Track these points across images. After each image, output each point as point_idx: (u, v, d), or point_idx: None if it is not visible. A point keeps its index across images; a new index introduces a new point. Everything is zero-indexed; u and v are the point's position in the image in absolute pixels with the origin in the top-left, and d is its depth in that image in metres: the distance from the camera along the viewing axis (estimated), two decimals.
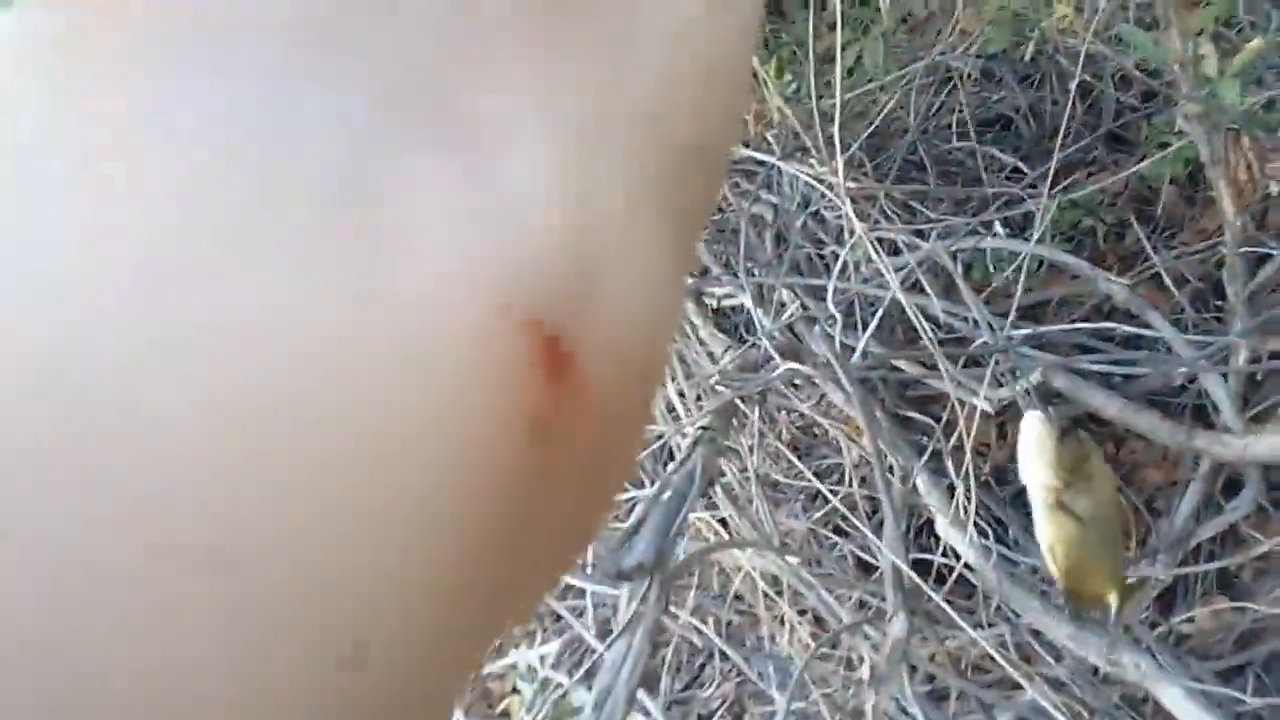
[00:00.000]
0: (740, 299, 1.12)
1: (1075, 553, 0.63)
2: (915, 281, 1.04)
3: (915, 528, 1.14)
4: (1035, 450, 0.62)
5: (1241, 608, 0.96)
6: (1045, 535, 0.65)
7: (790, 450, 1.24)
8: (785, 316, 1.05)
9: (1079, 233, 1.29)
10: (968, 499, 0.91)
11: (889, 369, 1.05)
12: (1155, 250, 1.11)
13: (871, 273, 1.03)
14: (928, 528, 1.10)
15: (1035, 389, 0.99)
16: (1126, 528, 0.69)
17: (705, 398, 1.04)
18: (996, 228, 1.08)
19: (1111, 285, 1.04)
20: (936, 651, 1.01)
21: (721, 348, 1.13)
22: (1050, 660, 0.97)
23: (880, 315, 1.00)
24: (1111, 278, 1.04)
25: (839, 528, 1.19)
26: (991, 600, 0.94)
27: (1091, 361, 0.95)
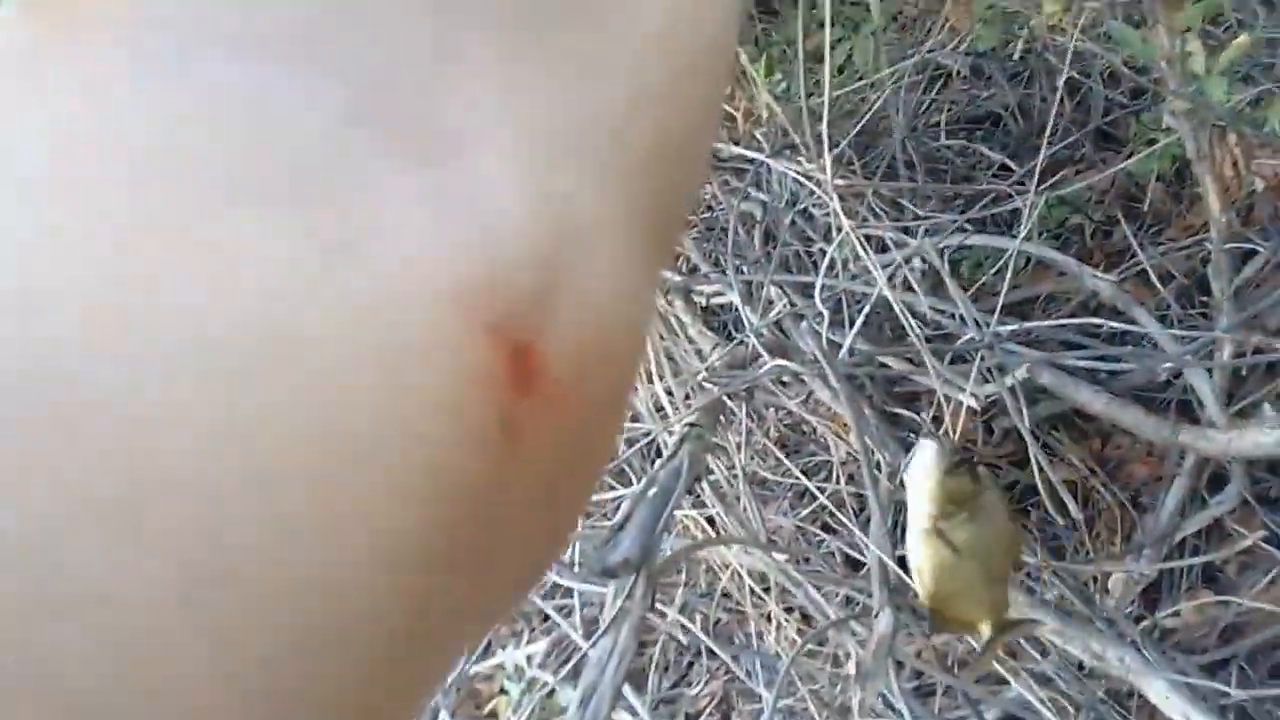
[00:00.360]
0: (729, 296, 1.12)
1: (945, 580, 0.65)
2: (903, 279, 1.04)
3: (903, 524, 1.14)
4: (921, 475, 0.64)
5: (1225, 601, 0.97)
6: (914, 556, 0.67)
7: (779, 448, 1.24)
8: (773, 314, 1.05)
9: (1067, 230, 1.29)
10: None
11: (876, 366, 1.05)
12: (1142, 247, 1.11)
13: (859, 270, 1.03)
14: None
15: (1019, 384, 0.99)
16: (1018, 563, 0.71)
17: (693, 395, 1.04)
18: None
19: (1098, 281, 1.05)
20: (923, 648, 1.02)
21: (710, 345, 1.13)
22: (1036, 655, 0.98)
23: (867, 312, 1.00)
24: (1097, 274, 1.04)
25: (827, 525, 1.19)
26: None
27: (1077, 357, 0.96)
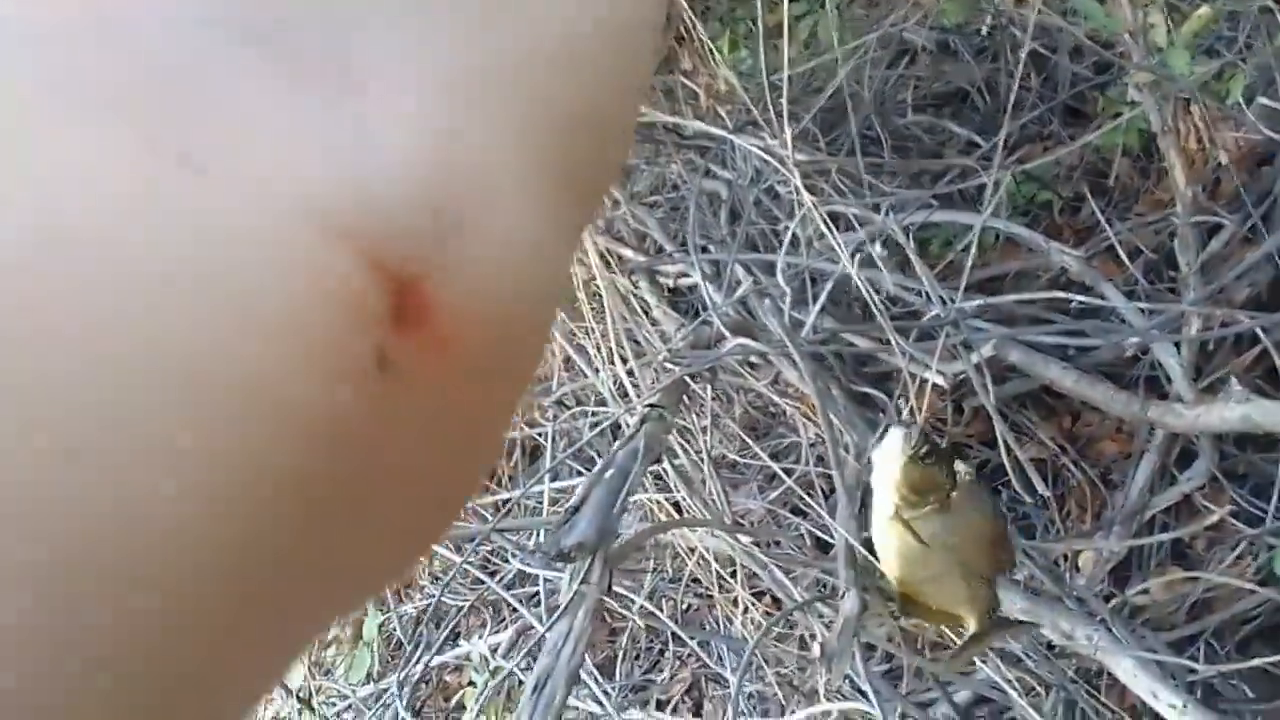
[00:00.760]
0: (693, 276, 1.10)
1: (911, 567, 0.65)
2: (867, 256, 1.03)
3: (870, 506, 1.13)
4: (886, 461, 0.64)
5: (1194, 578, 0.96)
6: (878, 540, 0.67)
7: (748, 431, 1.23)
8: (737, 293, 1.03)
9: (1035, 207, 1.28)
10: None
11: (841, 344, 1.04)
12: (1110, 222, 1.10)
13: (825, 248, 1.01)
14: None
15: (987, 361, 0.98)
16: (1004, 563, 0.70)
17: (657, 377, 1.02)
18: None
19: (1065, 257, 1.04)
20: (893, 631, 1.00)
21: (674, 326, 1.11)
22: (1005, 636, 0.97)
23: (832, 291, 0.98)
24: (1065, 249, 1.03)
25: (797, 508, 1.18)
26: None
27: (1043, 333, 0.95)
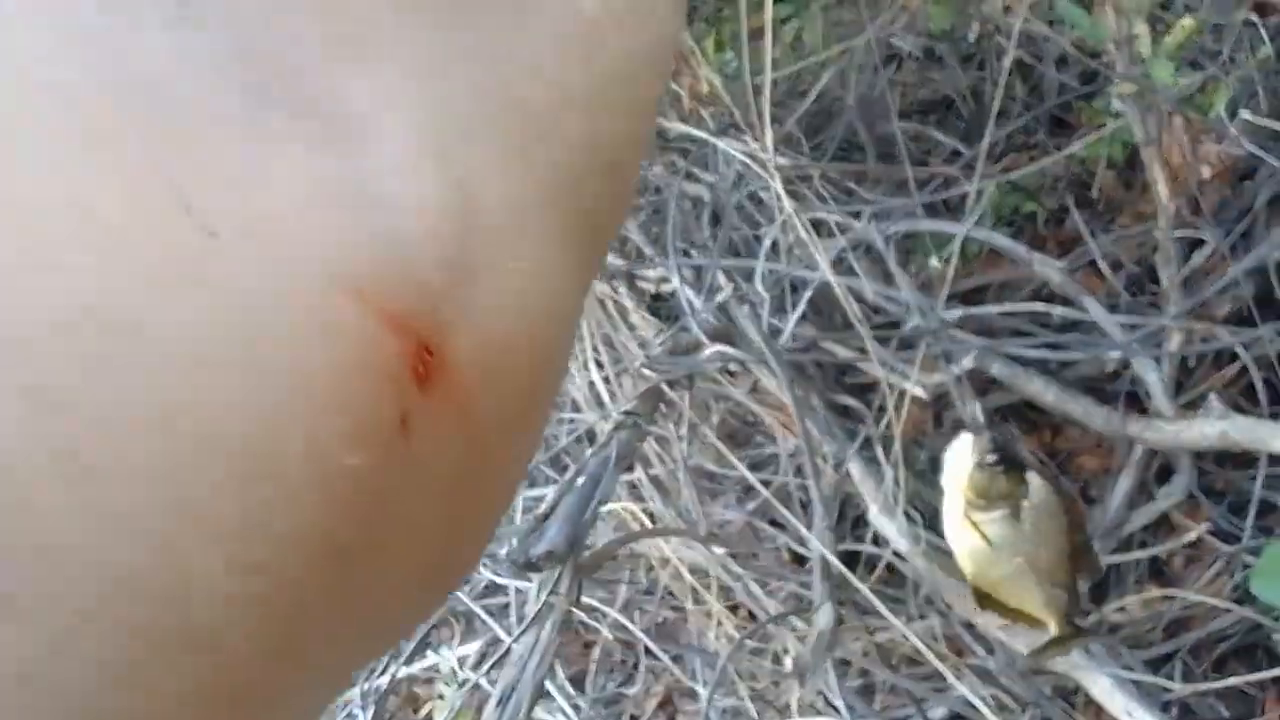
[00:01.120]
0: (672, 281, 1.08)
1: (983, 567, 0.67)
2: (848, 264, 1.01)
3: (853, 519, 1.12)
4: (955, 465, 0.66)
5: (1170, 595, 0.95)
6: (951, 540, 0.69)
7: (727, 441, 1.21)
8: (716, 299, 1.01)
9: (1020, 218, 1.28)
10: (897, 485, 0.88)
11: (820, 352, 1.02)
12: (1094, 235, 1.09)
13: (807, 255, 1.00)
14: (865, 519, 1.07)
15: (969, 375, 0.97)
16: (1084, 571, 0.69)
17: (635, 383, 1.00)
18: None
19: (1047, 268, 1.03)
20: (867, 646, 0.99)
21: (653, 332, 1.09)
22: (982, 651, 0.95)
23: (813, 299, 0.97)
24: (1047, 260, 1.02)
25: (775, 520, 1.16)
26: (921, 590, 0.92)
27: (1024, 345, 0.93)
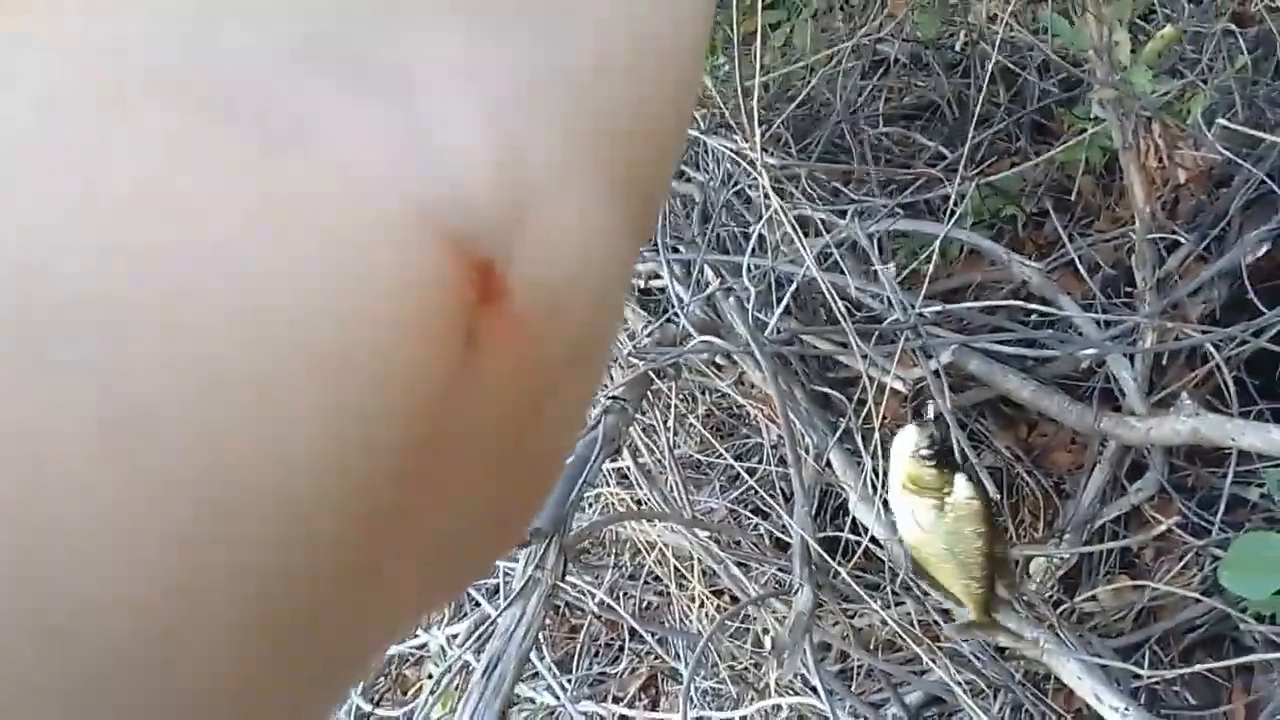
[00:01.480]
0: (662, 275, 1.11)
1: (914, 543, 0.71)
2: (833, 261, 1.04)
3: (833, 508, 1.14)
4: (898, 450, 0.71)
5: (1141, 586, 0.98)
6: (894, 506, 0.73)
7: (712, 432, 1.24)
8: (704, 293, 1.04)
9: (1000, 221, 1.31)
10: (876, 475, 0.91)
11: (802, 345, 1.05)
12: (1071, 238, 1.13)
13: (793, 252, 1.03)
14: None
15: (948, 371, 0.99)
16: (997, 569, 0.72)
17: (624, 373, 1.03)
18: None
19: (1025, 269, 1.06)
20: (847, 631, 1.02)
21: (642, 324, 1.12)
22: (955, 638, 0.98)
23: (797, 294, 1.00)
24: (1025, 261, 1.05)
25: (759, 508, 1.19)
26: (899, 577, 0.95)
27: (999, 342, 0.96)
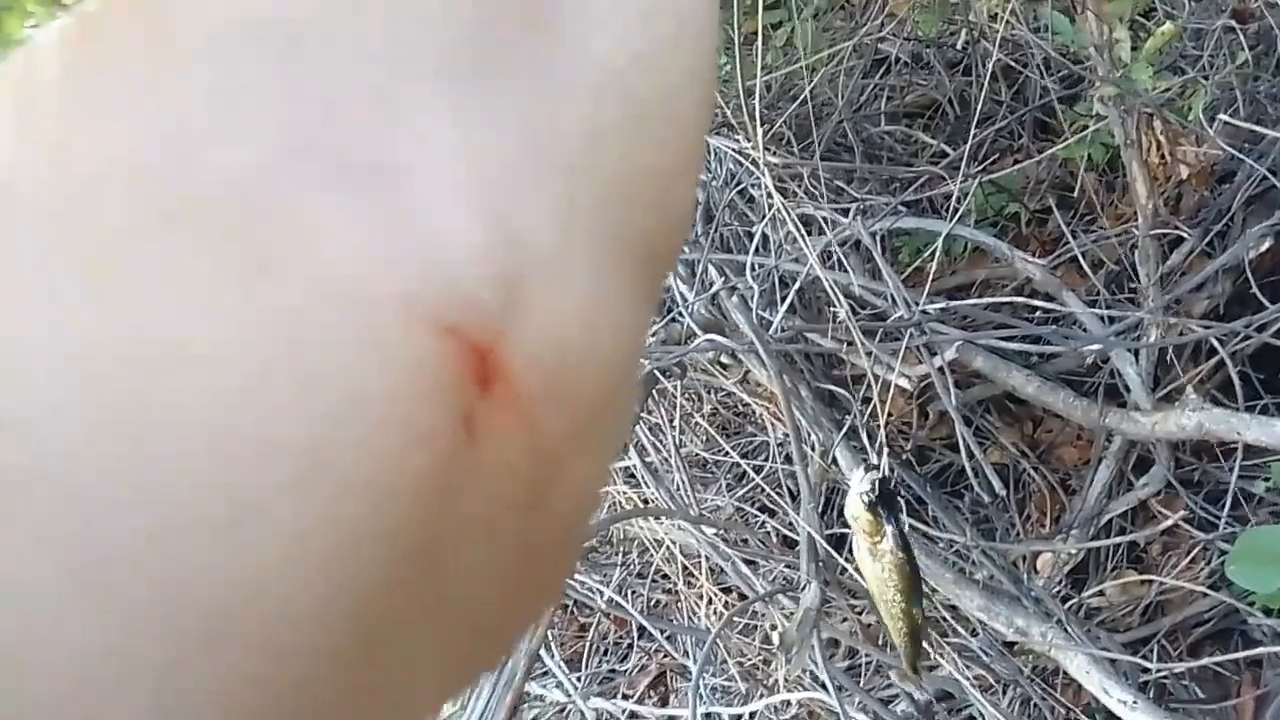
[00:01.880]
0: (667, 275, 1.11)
1: (865, 574, 0.72)
2: (836, 259, 1.05)
3: (840, 504, 1.15)
4: (851, 487, 0.72)
5: (1148, 581, 0.98)
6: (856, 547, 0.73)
7: (719, 431, 1.24)
8: (709, 291, 1.05)
9: (1004, 218, 1.31)
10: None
11: (806, 343, 1.06)
12: (1075, 235, 1.13)
13: (796, 250, 1.03)
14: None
15: (953, 368, 1.00)
16: (908, 626, 0.74)
17: None
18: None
19: (1029, 266, 1.06)
20: (855, 627, 1.02)
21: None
22: (964, 633, 0.99)
23: (800, 292, 1.00)
24: (1029, 258, 1.05)
25: (765, 506, 1.19)
26: None
27: (1004, 339, 0.97)
